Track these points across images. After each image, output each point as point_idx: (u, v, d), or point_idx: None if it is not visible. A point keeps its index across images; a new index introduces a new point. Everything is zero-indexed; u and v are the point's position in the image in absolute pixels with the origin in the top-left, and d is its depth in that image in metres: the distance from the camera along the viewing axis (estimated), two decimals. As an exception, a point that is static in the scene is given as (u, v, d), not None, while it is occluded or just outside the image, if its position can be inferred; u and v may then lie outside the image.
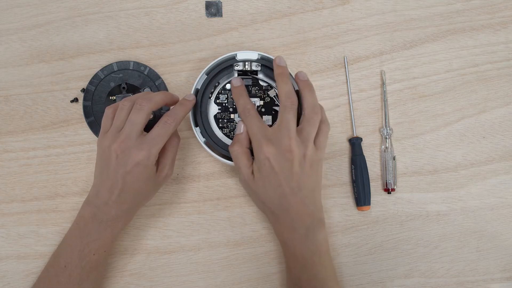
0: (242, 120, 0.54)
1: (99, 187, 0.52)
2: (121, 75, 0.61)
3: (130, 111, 0.52)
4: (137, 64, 0.61)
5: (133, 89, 0.60)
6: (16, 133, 0.61)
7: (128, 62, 0.61)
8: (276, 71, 0.55)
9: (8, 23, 0.62)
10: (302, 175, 0.51)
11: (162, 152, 0.53)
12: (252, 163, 0.53)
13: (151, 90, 0.60)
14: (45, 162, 0.60)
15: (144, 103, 0.51)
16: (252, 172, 0.53)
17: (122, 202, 0.52)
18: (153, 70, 0.61)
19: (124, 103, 0.52)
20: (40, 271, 0.56)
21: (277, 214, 0.52)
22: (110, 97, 0.60)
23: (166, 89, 0.61)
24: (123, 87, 0.60)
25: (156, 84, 0.61)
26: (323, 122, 0.54)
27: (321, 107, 0.54)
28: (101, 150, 0.52)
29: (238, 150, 0.53)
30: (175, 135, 0.55)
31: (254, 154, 0.52)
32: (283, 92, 0.53)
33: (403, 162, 0.61)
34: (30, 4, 0.63)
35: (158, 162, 0.53)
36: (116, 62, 0.61)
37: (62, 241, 0.54)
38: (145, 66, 0.61)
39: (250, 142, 0.54)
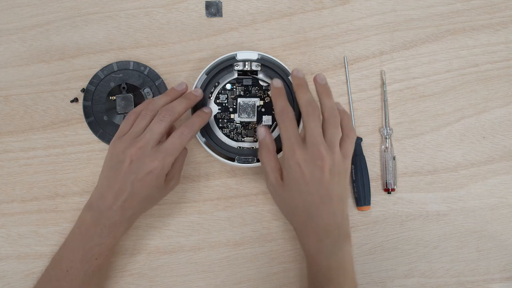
0: (278, 122, 0.53)
1: (105, 190, 0.51)
2: (121, 75, 0.61)
3: (151, 120, 0.52)
4: (137, 64, 0.61)
5: (133, 89, 0.60)
6: (16, 133, 0.61)
7: (128, 62, 0.61)
8: (294, 82, 0.55)
9: (8, 23, 0.62)
10: (331, 183, 0.50)
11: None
12: (280, 168, 0.53)
13: (151, 90, 0.60)
14: (45, 162, 0.60)
15: (167, 115, 0.51)
16: (281, 178, 0.52)
17: (127, 208, 0.51)
18: (153, 70, 0.61)
19: (147, 112, 0.52)
20: (40, 271, 0.56)
21: (305, 224, 0.52)
22: (110, 97, 0.60)
23: (166, 89, 0.61)
24: (123, 87, 0.60)
25: (156, 84, 0.61)
26: (350, 129, 0.53)
27: (347, 115, 0.55)
28: (113, 153, 0.52)
29: (267, 155, 0.53)
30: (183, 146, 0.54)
31: (285, 158, 0.51)
32: (304, 101, 0.52)
33: (403, 162, 0.61)
34: (30, 4, 0.63)
35: (167, 172, 0.52)
36: (116, 62, 0.61)
37: (63, 244, 0.53)
38: (145, 66, 0.61)
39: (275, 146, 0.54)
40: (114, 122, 0.60)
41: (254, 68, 0.59)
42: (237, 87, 0.60)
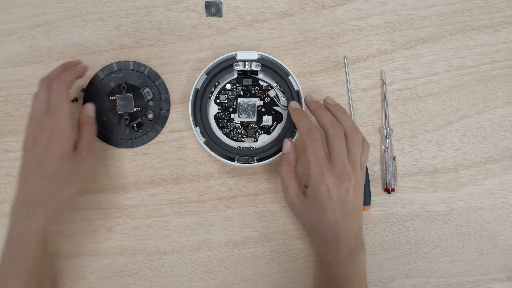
0: (305, 143, 0.53)
1: (19, 181, 0.52)
2: (121, 75, 0.61)
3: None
4: (137, 64, 0.61)
5: (133, 89, 0.60)
6: (16, 133, 0.61)
7: (128, 62, 0.61)
8: (312, 106, 0.55)
9: (8, 23, 0.62)
10: (354, 199, 0.52)
11: (77, 134, 0.54)
12: (300, 184, 0.54)
13: (151, 90, 0.60)
14: (45, 162, 0.60)
15: (43, 81, 0.54)
16: (302, 194, 0.53)
17: (41, 190, 0.50)
18: (153, 70, 0.61)
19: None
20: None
21: (325, 237, 0.52)
22: (110, 97, 0.60)
23: (167, 90, 0.61)
24: (123, 87, 0.60)
25: (156, 84, 0.61)
26: (364, 142, 0.54)
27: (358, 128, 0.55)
28: (24, 143, 0.53)
29: (287, 171, 0.54)
30: (85, 116, 0.56)
31: (313, 179, 0.51)
32: (328, 120, 0.53)
33: (403, 162, 0.61)
34: (30, 4, 0.63)
35: (76, 143, 0.53)
36: (116, 62, 0.61)
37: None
38: (145, 66, 0.61)
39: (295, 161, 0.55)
40: (114, 122, 0.60)
41: (254, 68, 0.59)
42: (237, 87, 0.60)
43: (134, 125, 0.60)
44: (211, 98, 0.60)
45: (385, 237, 0.60)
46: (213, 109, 0.60)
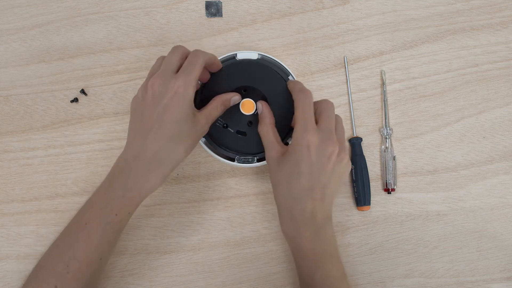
0: (296, 101, 0.52)
1: (132, 138, 0.50)
2: None
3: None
4: None
5: None
6: (16, 133, 0.61)
7: None
8: (295, 86, 0.55)
9: (8, 23, 0.62)
10: (332, 173, 0.50)
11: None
12: (280, 141, 0.53)
13: None
14: (45, 162, 0.60)
15: (180, 48, 0.51)
16: (282, 150, 0.52)
17: (155, 149, 0.49)
18: None
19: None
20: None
21: (293, 207, 0.50)
22: None
23: None
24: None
25: None
26: (337, 116, 0.54)
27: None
28: (136, 98, 0.51)
29: (265, 128, 0.53)
30: (225, 99, 0.54)
31: (295, 137, 0.50)
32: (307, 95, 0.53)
33: (403, 162, 0.61)
34: (30, 4, 0.63)
35: (195, 113, 0.51)
36: None
37: (88, 198, 0.52)
38: None
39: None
40: None
41: (254, 68, 0.59)
42: (237, 87, 0.60)
43: None
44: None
45: (385, 237, 0.60)
46: (213, 109, 0.59)
